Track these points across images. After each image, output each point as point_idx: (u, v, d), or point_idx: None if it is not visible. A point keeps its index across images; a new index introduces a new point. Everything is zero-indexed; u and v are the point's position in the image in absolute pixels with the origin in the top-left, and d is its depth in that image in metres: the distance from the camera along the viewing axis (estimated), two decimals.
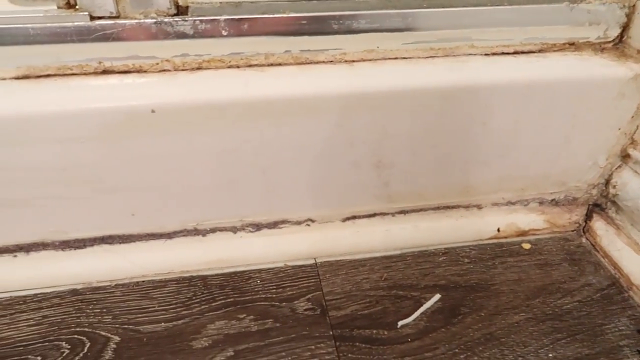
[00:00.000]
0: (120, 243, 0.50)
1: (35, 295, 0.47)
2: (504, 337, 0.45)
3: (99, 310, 0.46)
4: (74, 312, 0.46)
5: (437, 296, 0.49)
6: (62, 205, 0.46)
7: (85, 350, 0.43)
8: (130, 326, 0.45)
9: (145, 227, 0.49)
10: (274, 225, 0.52)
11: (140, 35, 0.43)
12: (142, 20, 0.43)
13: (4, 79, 0.43)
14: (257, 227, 0.52)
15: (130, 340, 0.44)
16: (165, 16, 0.43)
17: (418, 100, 0.47)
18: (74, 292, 0.48)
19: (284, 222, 0.52)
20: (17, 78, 0.43)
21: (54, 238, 0.49)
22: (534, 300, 0.49)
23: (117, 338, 0.44)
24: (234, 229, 0.52)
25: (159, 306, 0.47)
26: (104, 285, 0.48)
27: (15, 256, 0.48)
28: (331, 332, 0.45)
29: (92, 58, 0.44)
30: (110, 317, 0.46)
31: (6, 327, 0.45)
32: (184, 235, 0.51)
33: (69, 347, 0.43)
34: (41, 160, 0.43)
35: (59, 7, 0.44)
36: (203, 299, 0.48)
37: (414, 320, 0.46)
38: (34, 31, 0.42)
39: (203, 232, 0.51)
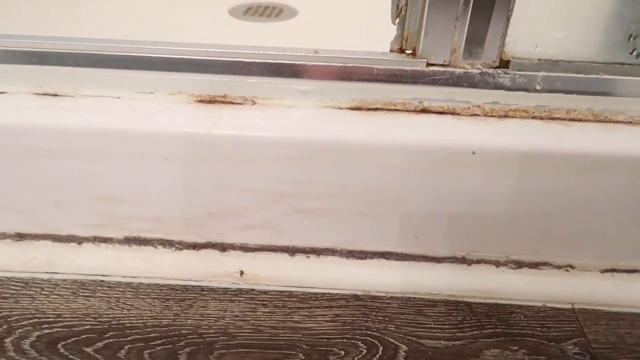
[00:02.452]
0: (395, 260, 0.56)
1: (324, 294, 0.54)
2: None
3: (381, 318, 0.52)
4: (360, 315, 0.52)
5: None
6: (361, 220, 0.53)
7: (380, 353, 0.48)
8: (414, 338, 0.50)
9: (422, 249, 0.55)
10: (535, 265, 0.55)
11: (463, 83, 0.49)
12: (468, 70, 0.48)
13: (341, 108, 0.51)
14: (519, 264, 0.55)
15: (417, 351, 0.49)
16: (489, 68, 0.48)
17: None
18: (355, 297, 0.54)
19: (545, 264, 0.55)
20: (351, 109, 0.51)
21: (343, 247, 0.55)
22: None
23: (405, 347, 0.49)
24: (497, 263, 0.55)
25: (434, 324, 0.52)
26: (380, 296, 0.54)
27: (307, 257, 0.56)
28: None
29: (415, 97, 0.50)
30: (393, 326, 0.51)
31: (307, 319, 0.52)
32: (451, 262, 0.55)
33: (365, 347, 0.49)
34: (364, 182, 0.50)
35: (391, 51, 0.51)
36: (473, 324, 0.52)
37: None
38: (377, 71, 0.49)
39: (469, 262, 0.55)
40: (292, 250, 0.56)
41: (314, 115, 0.50)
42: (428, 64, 0.48)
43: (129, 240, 0.56)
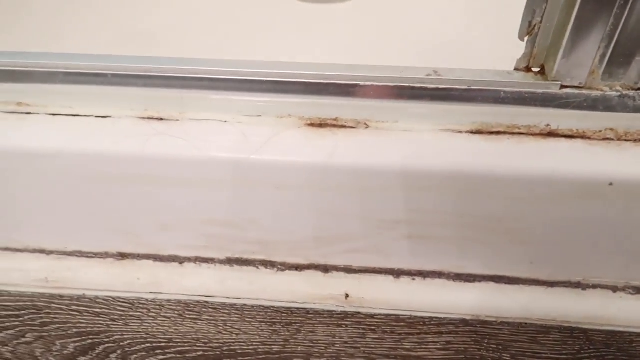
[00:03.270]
0: (506, 283, 0.54)
1: (431, 319, 0.53)
2: None
3: (495, 346, 0.51)
4: (472, 343, 0.51)
5: None
6: (473, 246, 0.51)
7: None
8: None
9: (536, 274, 0.52)
10: None
11: (599, 106, 0.45)
12: (606, 93, 0.44)
13: (460, 132, 0.48)
14: (638, 290, 0.53)
15: None
16: (629, 90, 0.44)
17: None
18: (464, 322, 0.53)
19: None
20: (471, 132, 0.48)
21: (451, 270, 0.53)
22: None
23: None
24: (614, 289, 0.53)
25: (551, 354, 0.50)
26: (490, 321, 0.53)
27: (413, 279, 0.54)
28: None
29: (541, 121, 0.47)
30: (508, 355, 0.50)
31: (417, 346, 0.51)
32: (564, 286, 0.53)
33: None
34: (484, 211, 0.47)
35: (516, 69, 0.47)
36: (592, 354, 0.50)
37: None
38: (504, 94, 0.45)
39: (584, 286, 0.53)
40: (397, 273, 0.54)
41: (433, 140, 0.47)
42: (562, 87, 0.45)
43: (231, 261, 0.55)
